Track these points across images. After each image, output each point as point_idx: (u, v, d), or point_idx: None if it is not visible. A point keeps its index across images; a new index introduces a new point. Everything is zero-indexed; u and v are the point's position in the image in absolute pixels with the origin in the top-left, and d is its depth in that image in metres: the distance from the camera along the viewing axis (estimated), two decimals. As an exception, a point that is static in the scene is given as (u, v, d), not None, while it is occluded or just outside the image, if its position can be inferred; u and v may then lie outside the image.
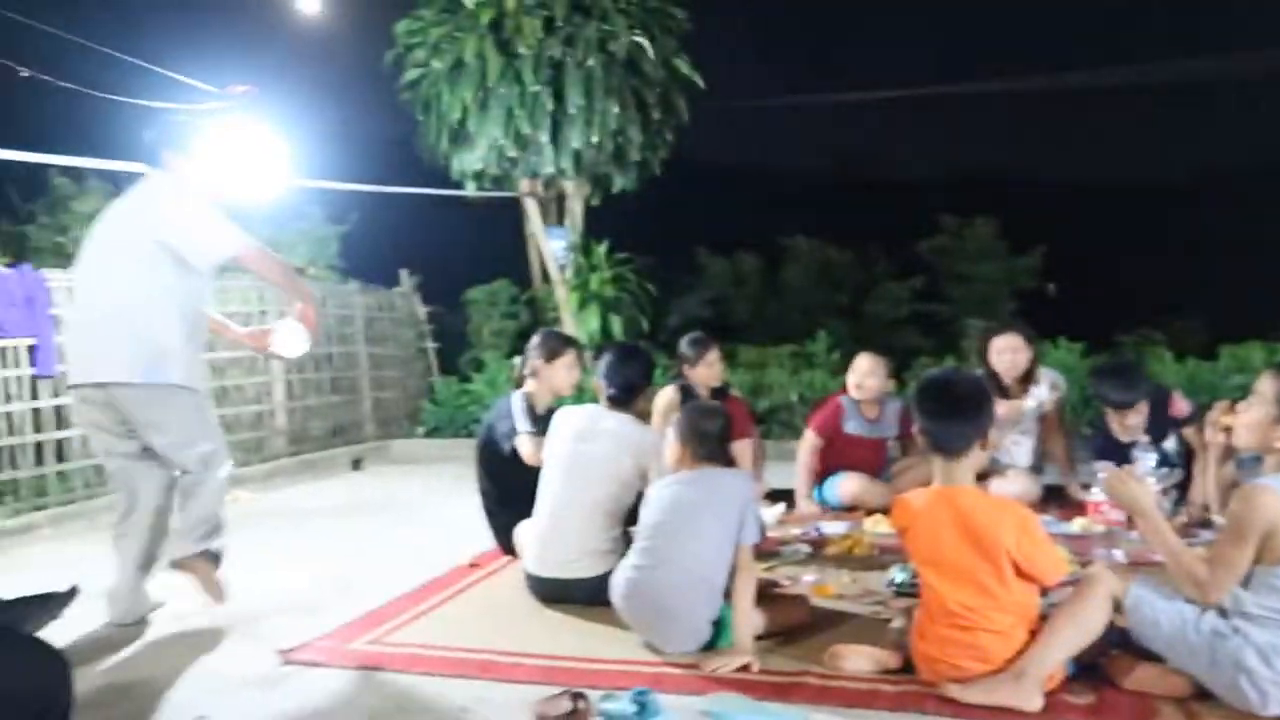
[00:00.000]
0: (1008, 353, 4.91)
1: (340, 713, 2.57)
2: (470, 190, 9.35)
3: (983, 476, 4.64)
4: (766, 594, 3.09)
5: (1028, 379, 4.96)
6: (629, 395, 3.63)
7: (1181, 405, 4.51)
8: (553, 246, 9.70)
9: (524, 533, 3.71)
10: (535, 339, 4.30)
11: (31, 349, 5.40)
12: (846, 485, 4.92)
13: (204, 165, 3.59)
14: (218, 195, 3.62)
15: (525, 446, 3.90)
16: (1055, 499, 4.89)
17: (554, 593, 3.43)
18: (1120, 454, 4.14)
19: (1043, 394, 4.98)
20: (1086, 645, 2.48)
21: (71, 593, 3.15)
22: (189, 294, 3.42)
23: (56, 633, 2.95)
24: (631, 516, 3.39)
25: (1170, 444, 4.50)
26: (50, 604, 3.07)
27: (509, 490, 3.97)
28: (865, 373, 4.97)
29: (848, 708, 2.48)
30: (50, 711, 1.72)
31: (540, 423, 3.89)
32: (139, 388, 3.29)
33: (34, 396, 5.46)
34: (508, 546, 4.01)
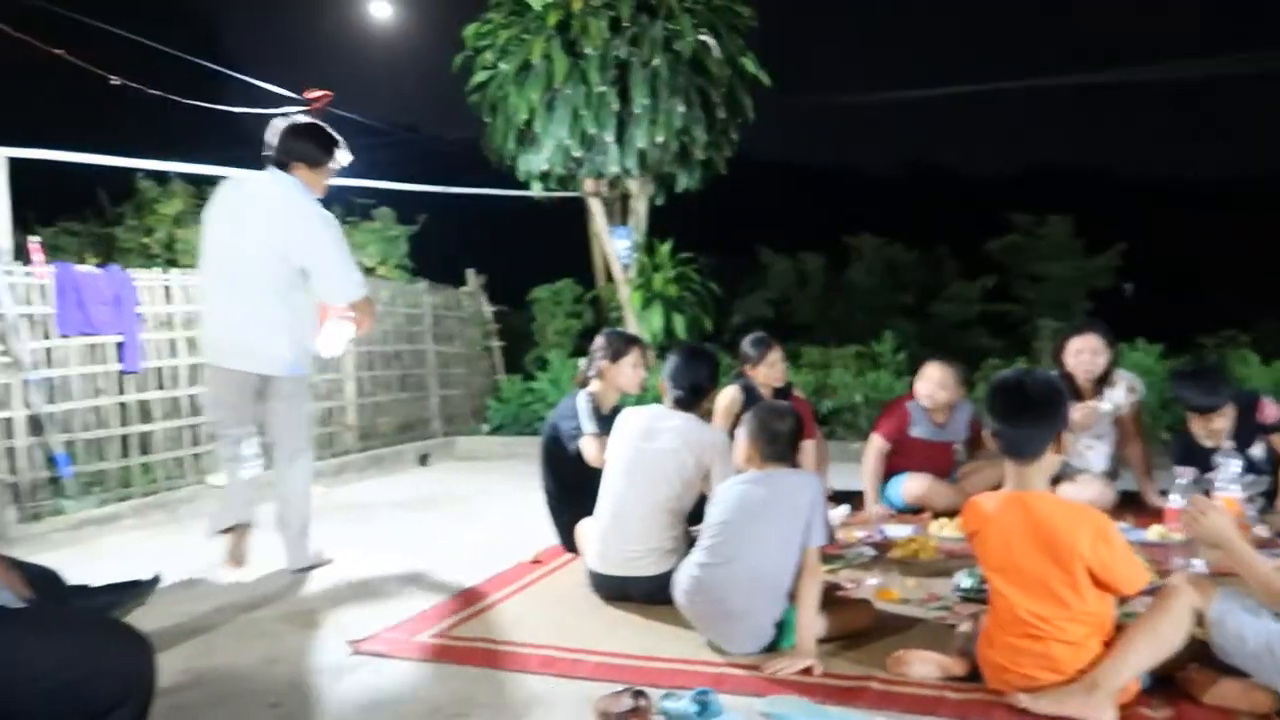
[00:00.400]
0: (1085, 353, 4.76)
1: (406, 704, 2.63)
2: (536, 191, 9.43)
3: (1054, 481, 4.53)
4: (830, 597, 3.06)
5: (1103, 381, 4.81)
6: (695, 397, 3.62)
7: (1271, 410, 4.33)
8: (617, 246, 9.73)
9: (586, 530, 3.73)
10: (600, 339, 4.31)
11: (119, 346, 5.64)
12: (911, 486, 4.85)
13: (327, 181, 4.03)
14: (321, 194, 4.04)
15: (590, 448, 3.92)
16: (1131, 505, 4.74)
17: (615, 590, 3.45)
18: (1202, 460, 4.00)
19: (1119, 397, 4.82)
20: (1164, 658, 2.40)
21: (155, 580, 3.30)
22: (310, 297, 4.01)
23: (140, 619, 3.08)
24: (694, 516, 3.39)
25: (1257, 450, 4.33)
26: (136, 591, 3.22)
27: (573, 488, 4.00)
28: (936, 384, 4.83)
29: (910, 714, 2.44)
30: (136, 692, 1.80)
31: (605, 423, 3.89)
32: (284, 380, 3.97)
33: (120, 391, 5.70)
34: (571, 544, 4.04)
